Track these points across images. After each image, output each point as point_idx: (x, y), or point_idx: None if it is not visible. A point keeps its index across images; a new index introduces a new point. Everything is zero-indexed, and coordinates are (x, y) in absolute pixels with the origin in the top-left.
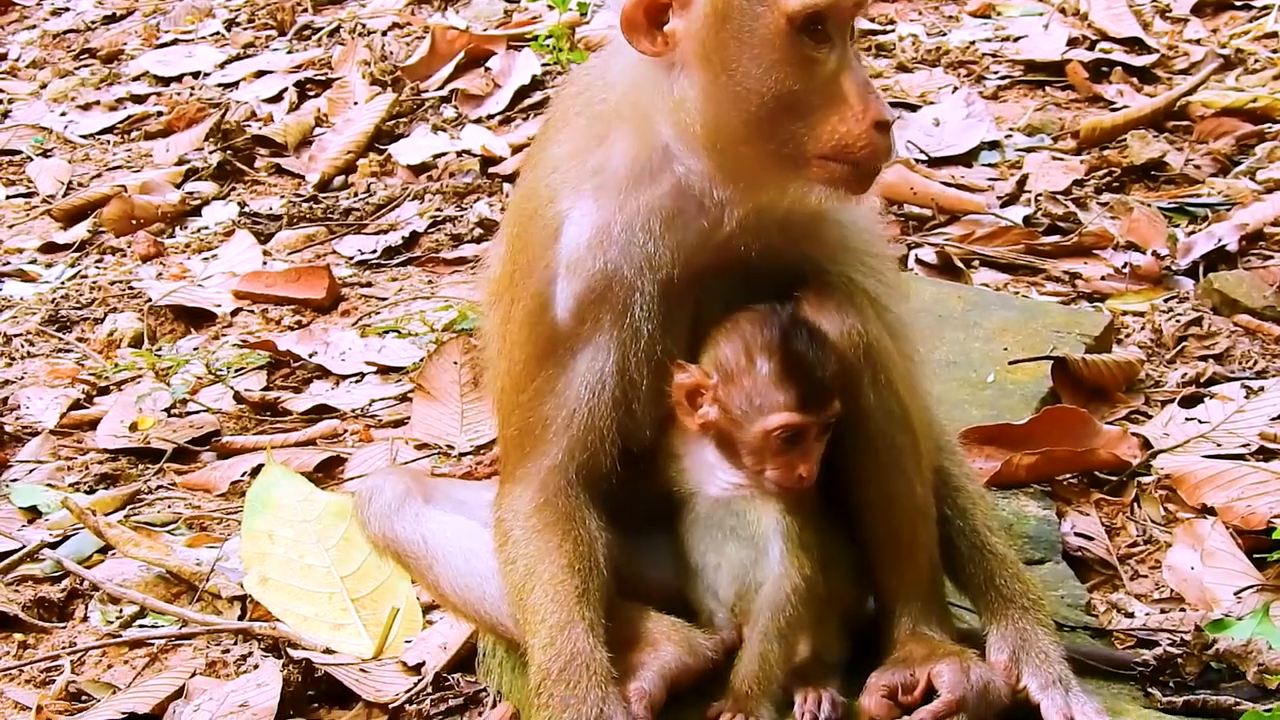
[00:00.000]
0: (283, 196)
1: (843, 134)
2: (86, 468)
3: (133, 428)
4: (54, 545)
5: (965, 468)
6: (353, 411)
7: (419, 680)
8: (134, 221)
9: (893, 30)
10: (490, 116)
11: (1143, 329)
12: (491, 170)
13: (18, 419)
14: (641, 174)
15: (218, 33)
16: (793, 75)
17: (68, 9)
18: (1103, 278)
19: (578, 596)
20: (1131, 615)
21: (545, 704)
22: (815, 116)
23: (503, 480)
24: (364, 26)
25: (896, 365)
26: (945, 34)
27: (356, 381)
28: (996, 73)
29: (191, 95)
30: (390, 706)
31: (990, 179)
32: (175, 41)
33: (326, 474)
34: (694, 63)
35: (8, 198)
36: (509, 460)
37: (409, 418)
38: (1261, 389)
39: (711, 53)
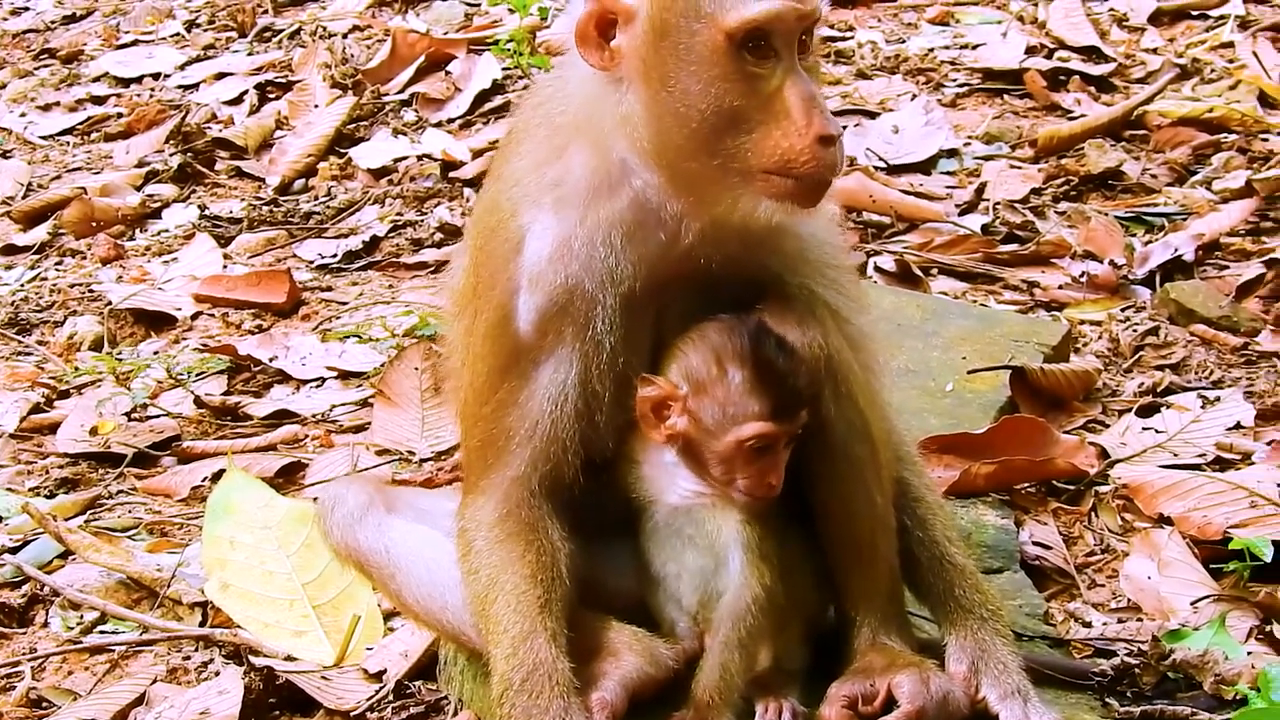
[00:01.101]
0: (243, 200)
1: (785, 149)
2: (47, 472)
3: (93, 432)
4: (14, 550)
5: (925, 478)
6: (314, 417)
7: (380, 688)
8: (94, 224)
9: (852, 37)
10: (451, 120)
11: (1100, 338)
12: (452, 175)
13: None
14: (600, 188)
15: (178, 34)
16: (733, 91)
17: (27, 9)
18: (1060, 287)
19: (540, 607)
20: (1089, 625)
21: (508, 714)
22: (758, 132)
23: (466, 490)
24: (325, 29)
25: (857, 377)
26: (904, 41)
27: (317, 386)
28: (955, 80)
29: (151, 97)
30: (352, 714)
31: (948, 187)
32: (135, 43)
33: (287, 479)
34: (637, 78)
35: None
36: (472, 471)
37: (370, 423)
38: (1218, 399)
39: (652, 69)
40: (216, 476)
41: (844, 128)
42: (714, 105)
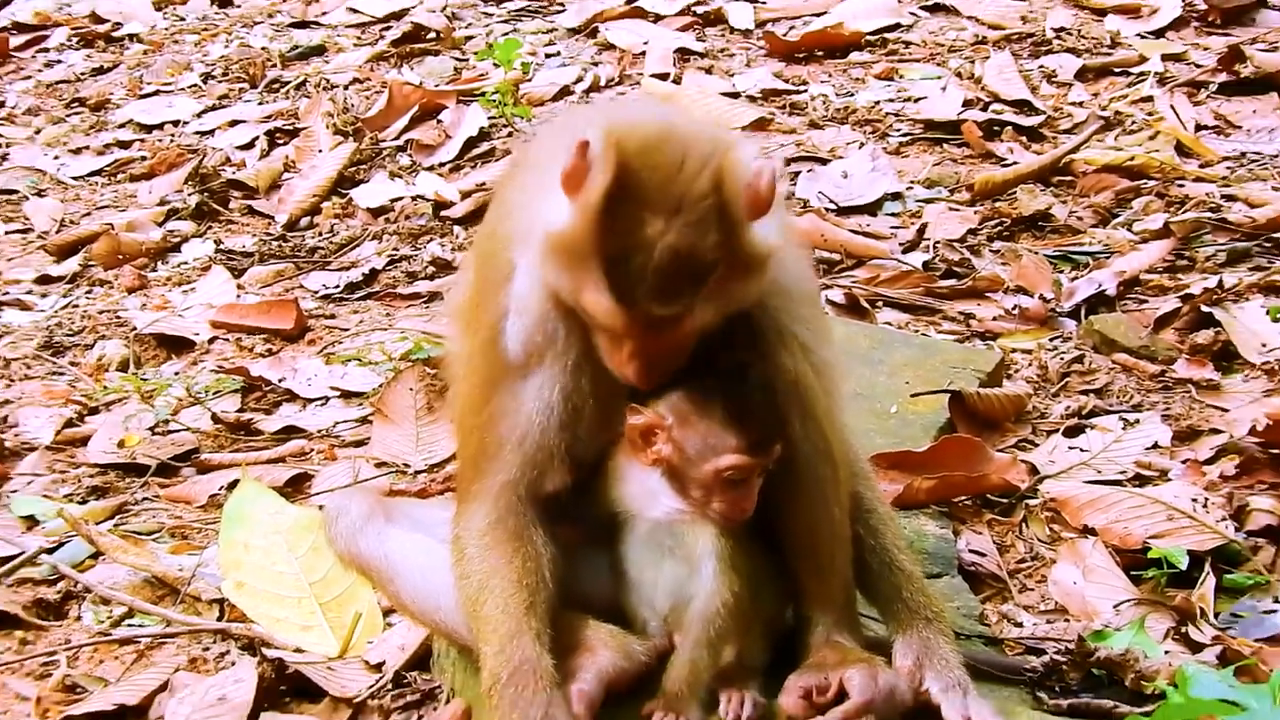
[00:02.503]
0: (255, 235)
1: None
2: (79, 480)
3: (120, 444)
4: (50, 551)
5: (876, 492)
6: (318, 432)
7: (380, 678)
8: (120, 257)
9: (805, 90)
10: (442, 164)
11: (1030, 365)
12: (443, 214)
13: (16, 435)
14: None
15: (195, 85)
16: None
17: (60, 61)
18: (994, 318)
19: (526, 609)
20: (1020, 625)
21: (496, 705)
22: None
23: (459, 499)
24: (328, 81)
25: (821, 402)
26: (853, 94)
27: (322, 405)
28: (899, 130)
29: (172, 142)
30: (354, 701)
31: (893, 227)
32: (157, 93)
33: (295, 489)
34: None
35: (6, 233)
36: (465, 479)
37: (369, 438)
38: (1137, 421)
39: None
40: (231, 486)
41: (796, 174)
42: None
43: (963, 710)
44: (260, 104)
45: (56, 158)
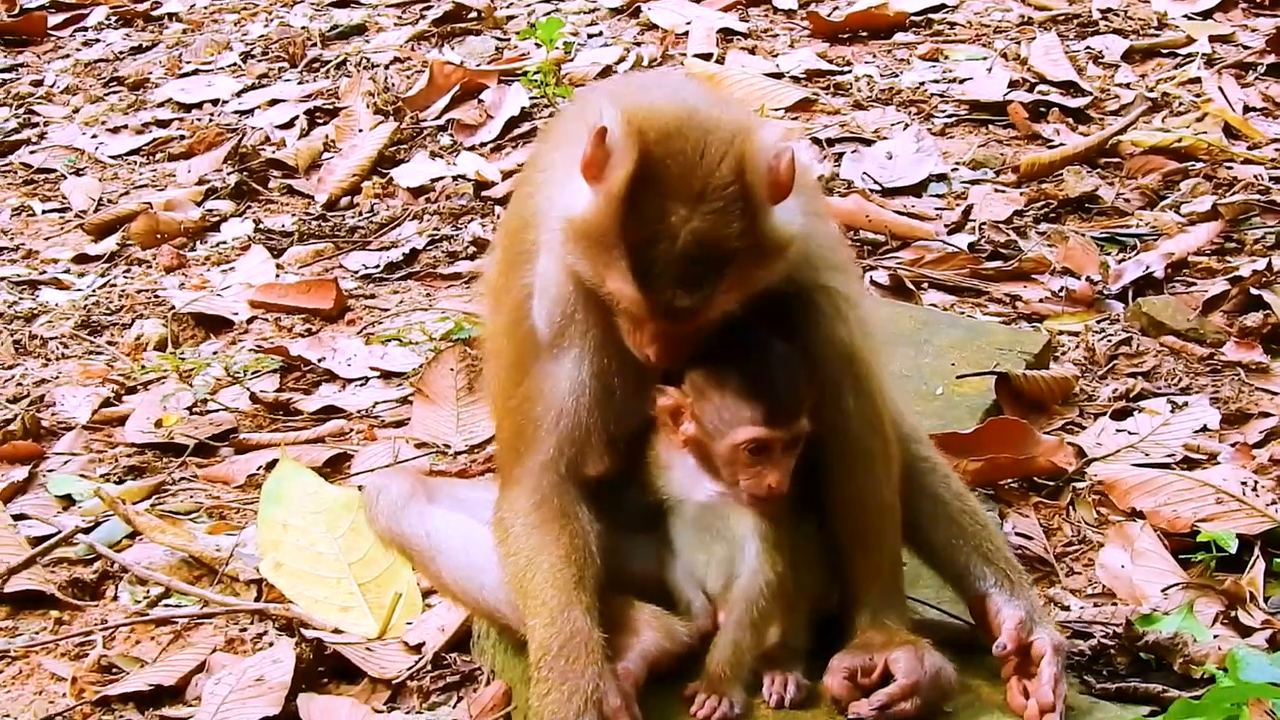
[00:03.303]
0: (294, 215)
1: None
2: (116, 460)
3: (158, 424)
4: (87, 530)
5: (938, 455)
6: (358, 412)
7: (419, 659)
8: (159, 236)
9: (849, 71)
10: (483, 144)
11: (1077, 348)
12: (484, 194)
13: (54, 415)
14: None
15: (235, 64)
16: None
17: (99, 40)
18: (1041, 300)
19: (575, 583)
20: (1067, 609)
21: (545, 678)
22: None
23: (501, 484)
24: (368, 60)
25: (874, 374)
26: (897, 75)
27: (361, 385)
28: (944, 111)
29: (211, 121)
30: (393, 683)
31: (938, 208)
32: (196, 72)
33: (334, 469)
34: None
35: (44, 212)
36: (505, 464)
37: (409, 419)
38: (1185, 404)
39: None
40: (270, 466)
41: (840, 155)
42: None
43: (1056, 672)
44: (300, 83)
45: (95, 137)
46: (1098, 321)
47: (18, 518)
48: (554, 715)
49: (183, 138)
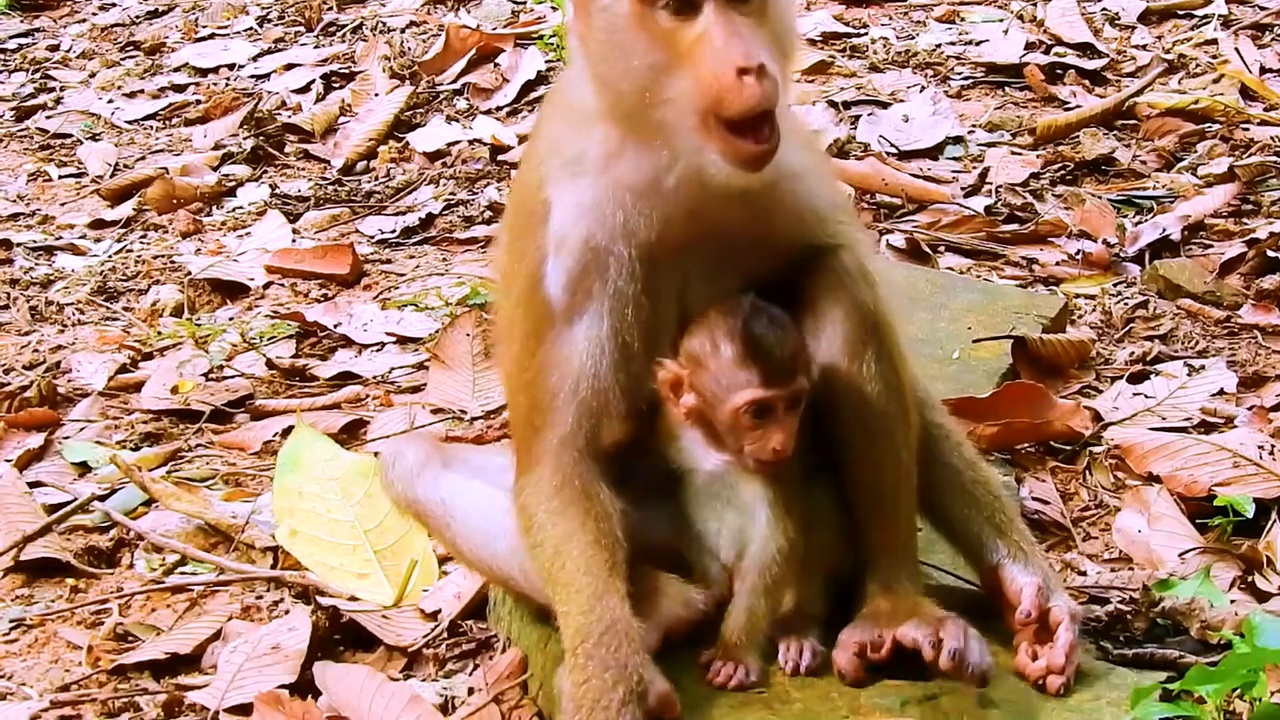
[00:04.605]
0: (310, 180)
1: (709, 89)
2: (132, 427)
3: (174, 390)
4: (103, 498)
5: (951, 422)
6: (374, 378)
7: (435, 626)
8: (175, 201)
9: (865, 34)
10: (499, 108)
11: (1094, 311)
12: (500, 158)
13: (69, 381)
14: (609, 156)
15: (251, 28)
16: (655, 49)
17: (114, 4)
18: (1057, 263)
19: (608, 569)
20: (1084, 574)
21: (583, 665)
22: (686, 80)
23: (519, 466)
24: (384, 24)
25: (895, 337)
26: (914, 37)
27: (378, 350)
28: (960, 74)
29: (227, 86)
30: (409, 650)
31: (954, 171)
32: (212, 36)
33: (351, 435)
34: (585, 54)
35: (60, 177)
36: (522, 442)
37: (426, 384)
38: (1202, 368)
39: (589, 43)
40: (286, 432)
41: (857, 118)
42: (643, 63)
43: (1073, 639)
44: (316, 48)
45: (111, 101)
46: (1114, 284)
47: (34, 485)
48: (595, 704)
49: (199, 102)
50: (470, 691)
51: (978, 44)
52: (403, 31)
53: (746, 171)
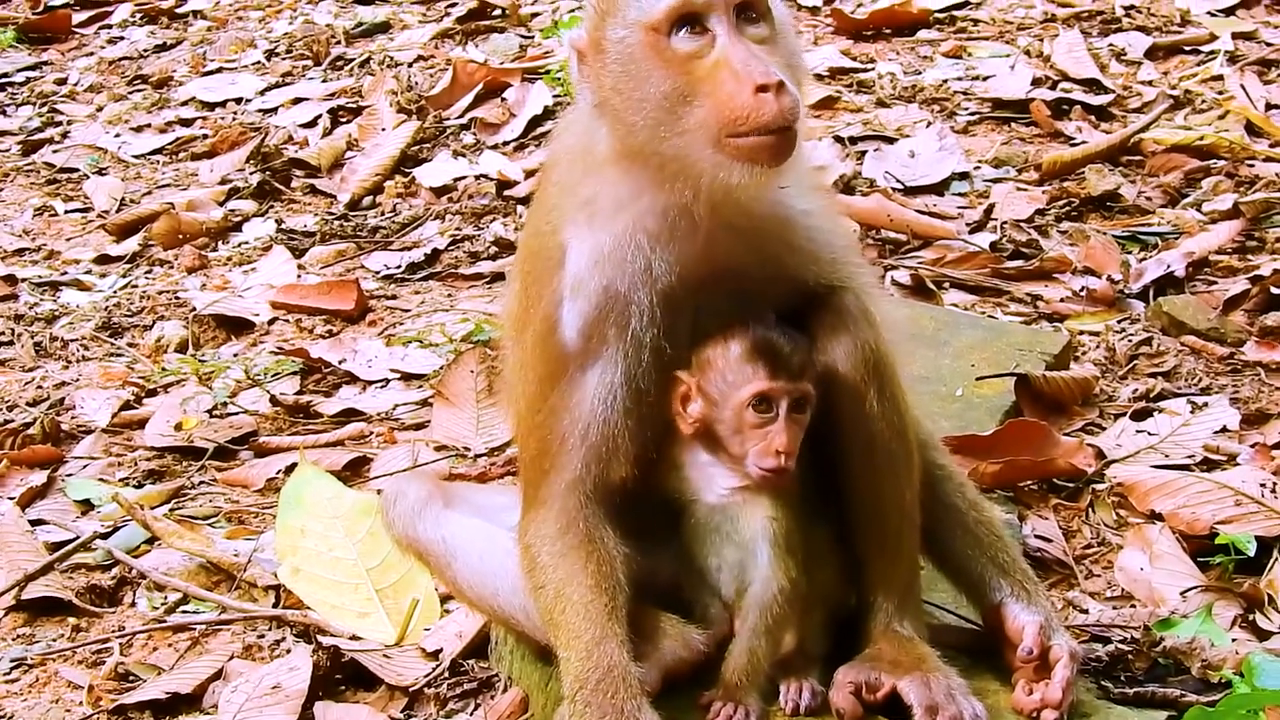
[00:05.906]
0: (316, 215)
1: (729, 109)
2: (135, 464)
3: (178, 427)
4: (105, 536)
5: (953, 463)
6: (378, 415)
7: (437, 665)
8: (181, 236)
9: (872, 68)
10: (506, 143)
11: (1098, 348)
12: (507, 193)
13: (73, 418)
14: (623, 199)
15: (259, 62)
16: (672, 75)
17: (123, 38)
18: (1062, 300)
19: (608, 614)
20: (1086, 612)
21: (581, 711)
22: (705, 104)
23: (525, 507)
24: (392, 59)
25: (898, 378)
26: (920, 73)
27: (382, 387)
28: (967, 109)
29: (234, 120)
30: (410, 689)
31: (960, 207)
32: (220, 70)
33: (354, 473)
34: (600, 96)
35: (66, 212)
36: (530, 484)
37: (429, 421)
38: (1206, 404)
39: (604, 83)
40: (289, 470)
41: (863, 153)
42: (659, 92)
43: (1070, 676)
44: (324, 81)
45: (118, 135)
46: (1118, 321)
47: (36, 523)
48: None
49: (205, 137)
50: None
51: (984, 79)
52: (410, 66)
53: (769, 166)
